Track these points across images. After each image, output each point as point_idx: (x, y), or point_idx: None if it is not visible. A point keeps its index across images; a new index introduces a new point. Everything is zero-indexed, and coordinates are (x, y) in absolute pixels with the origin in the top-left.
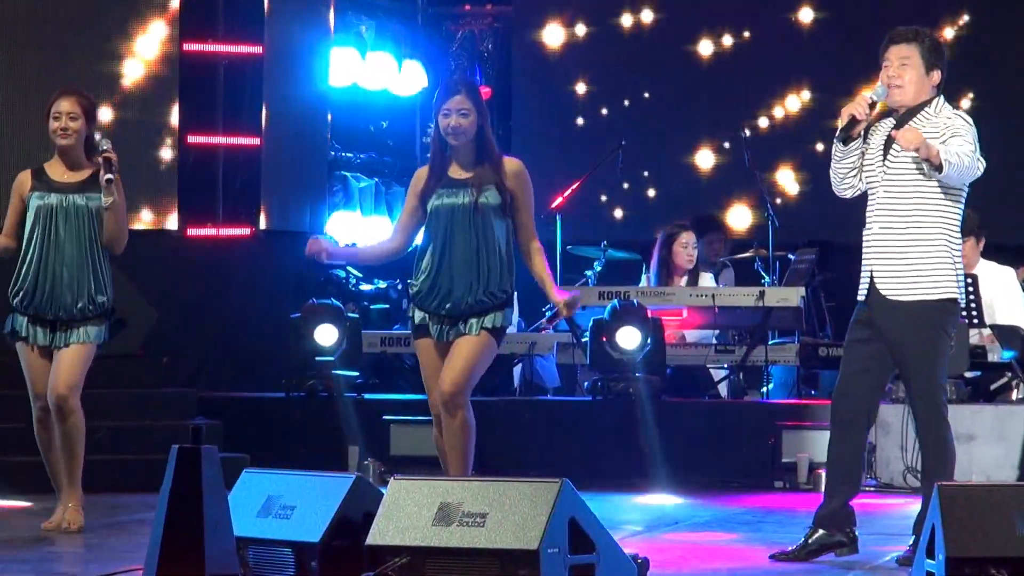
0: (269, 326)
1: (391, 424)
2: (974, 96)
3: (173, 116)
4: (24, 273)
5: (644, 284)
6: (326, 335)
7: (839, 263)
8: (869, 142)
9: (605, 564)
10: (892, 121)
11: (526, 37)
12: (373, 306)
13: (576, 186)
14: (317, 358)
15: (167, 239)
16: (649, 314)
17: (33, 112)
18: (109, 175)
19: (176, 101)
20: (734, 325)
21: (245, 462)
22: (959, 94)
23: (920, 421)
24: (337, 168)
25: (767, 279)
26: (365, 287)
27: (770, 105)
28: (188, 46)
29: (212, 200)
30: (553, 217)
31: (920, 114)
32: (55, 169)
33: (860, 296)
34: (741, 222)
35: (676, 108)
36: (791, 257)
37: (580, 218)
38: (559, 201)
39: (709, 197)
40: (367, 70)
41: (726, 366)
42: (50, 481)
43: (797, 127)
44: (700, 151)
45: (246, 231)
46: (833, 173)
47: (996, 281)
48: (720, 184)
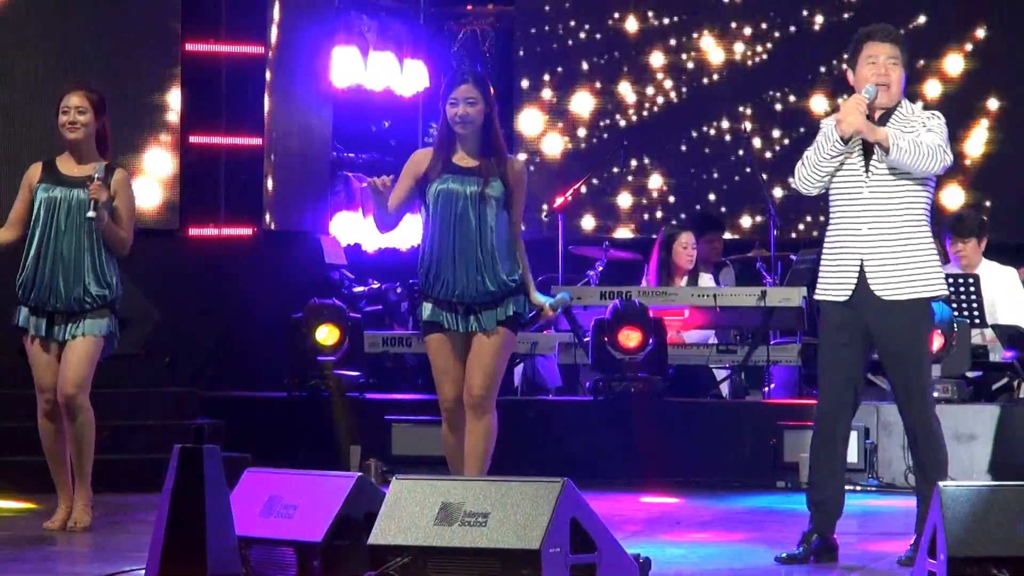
0: (271, 326)
1: (393, 424)
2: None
3: (175, 116)
4: (25, 264)
5: (645, 284)
6: (328, 335)
7: None
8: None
9: (606, 564)
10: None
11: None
12: (367, 308)
13: (578, 186)
14: (319, 358)
15: (169, 239)
16: (651, 314)
17: (33, 112)
18: (91, 213)
19: (178, 101)
20: (736, 325)
21: (247, 462)
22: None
23: (915, 420)
24: (339, 168)
25: (769, 279)
26: (359, 288)
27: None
28: (190, 46)
29: (214, 200)
30: (555, 217)
31: (896, 114)
32: (65, 163)
33: (840, 296)
34: (742, 222)
35: (678, 107)
36: (793, 257)
37: (582, 218)
38: (561, 201)
39: (710, 197)
40: (369, 70)
41: (728, 366)
42: (53, 480)
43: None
44: (701, 151)
45: (248, 231)
46: (814, 170)
47: (998, 281)
48: (722, 184)
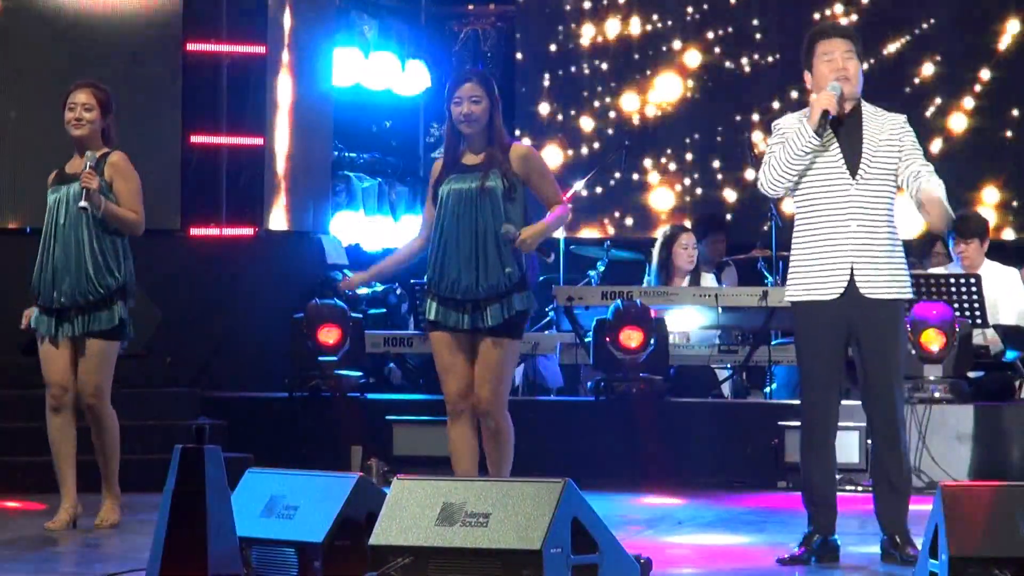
0: (272, 326)
1: (394, 424)
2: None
3: (176, 116)
4: (35, 266)
5: (647, 285)
6: (329, 335)
7: None
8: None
9: (608, 564)
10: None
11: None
12: (370, 311)
13: (578, 186)
14: (320, 358)
15: (170, 239)
16: (652, 314)
17: (36, 110)
18: (82, 203)
19: (179, 101)
20: (737, 325)
21: (248, 462)
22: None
23: (885, 418)
24: (340, 168)
25: (770, 279)
26: (362, 290)
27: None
28: (191, 46)
29: (215, 200)
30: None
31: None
32: (71, 162)
33: (830, 295)
34: (744, 222)
35: (679, 107)
36: None
37: (583, 218)
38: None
39: (712, 197)
40: (370, 70)
41: (729, 366)
42: (56, 478)
43: None
44: (703, 151)
45: (249, 231)
46: (786, 168)
47: (1000, 281)
48: (723, 184)
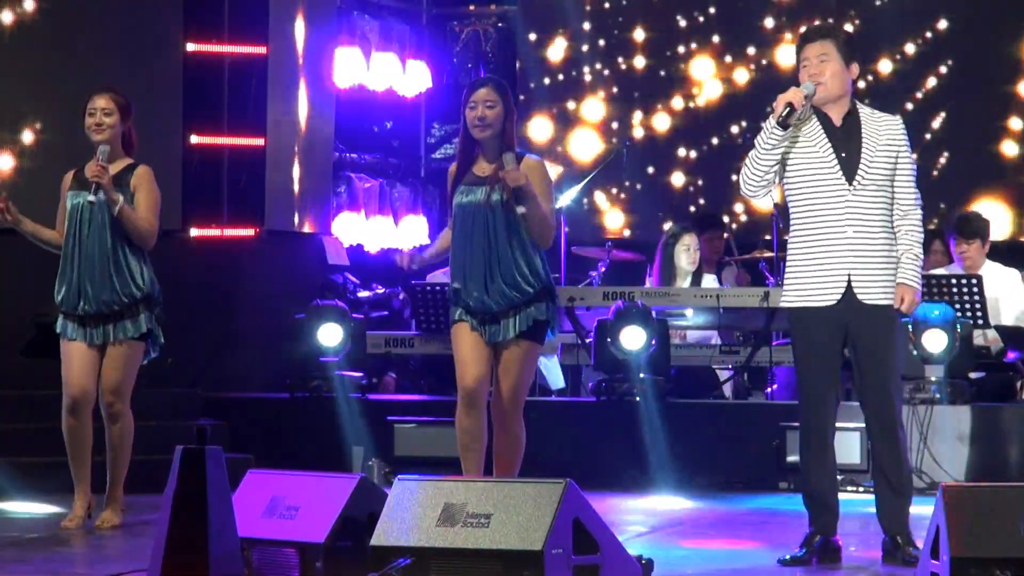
0: (274, 327)
1: (395, 425)
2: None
3: (177, 116)
4: (59, 272)
5: (648, 285)
6: (330, 336)
7: None
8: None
9: (609, 565)
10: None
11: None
12: (373, 314)
13: (580, 186)
14: (321, 359)
15: (171, 240)
16: (654, 314)
17: (37, 110)
18: (90, 196)
19: (180, 101)
20: (738, 326)
21: (249, 462)
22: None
23: (884, 421)
24: (342, 169)
25: (771, 279)
26: (364, 293)
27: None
28: (192, 46)
29: (216, 201)
30: (557, 217)
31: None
32: (89, 166)
33: (827, 302)
34: (745, 222)
35: (680, 107)
36: None
37: (584, 219)
38: (563, 201)
39: (714, 197)
40: (372, 70)
41: (730, 367)
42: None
43: None
44: (705, 151)
45: (250, 232)
46: (756, 166)
47: (1001, 282)
48: (725, 184)
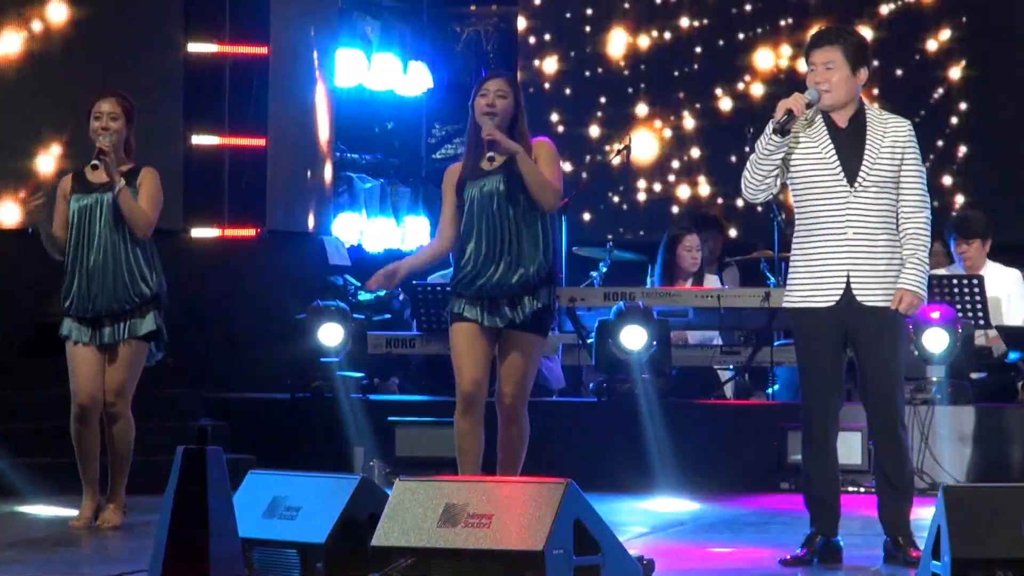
0: (275, 327)
1: (396, 426)
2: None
3: (178, 117)
4: (66, 276)
5: (649, 285)
6: (331, 336)
7: None
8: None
9: (610, 565)
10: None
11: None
12: (375, 317)
13: (582, 186)
14: (322, 359)
15: (172, 240)
16: (655, 315)
17: (35, 110)
18: (95, 161)
19: (181, 101)
20: (739, 326)
21: (250, 463)
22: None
23: (886, 422)
24: (343, 169)
25: (772, 280)
26: (365, 296)
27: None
28: (193, 47)
29: (217, 201)
30: (558, 218)
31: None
32: (93, 172)
33: (826, 303)
34: (747, 223)
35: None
36: None
37: (585, 218)
38: (564, 201)
39: (715, 198)
40: (372, 71)
41: (731, 367)
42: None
43: None
44: (706, 152)
45: (251, 232)
46: (756, 170)
47: (1002, 282)
48: (726, 184)
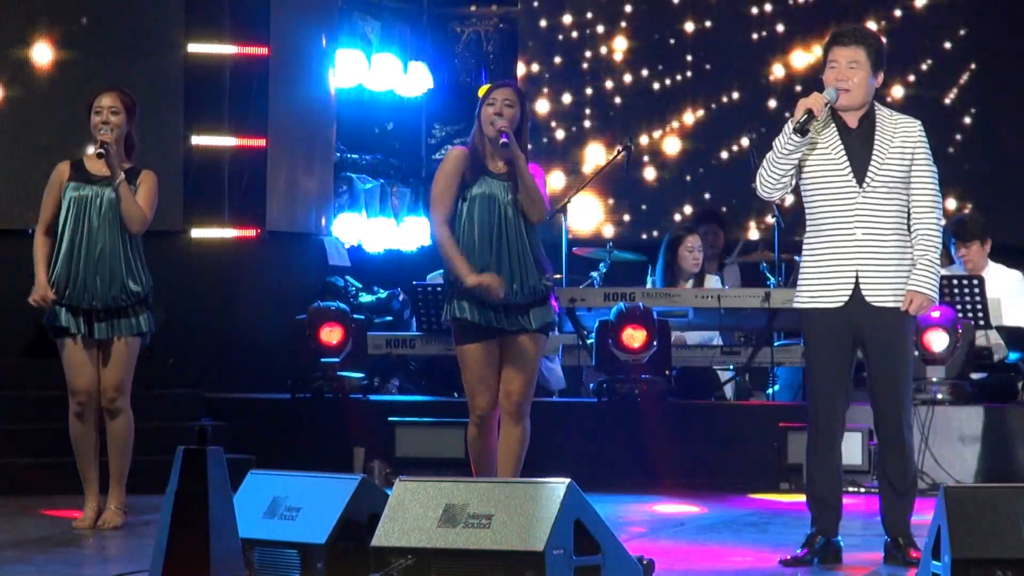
0: (275, 327)
1: (396, 426)
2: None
3: (179, 117)
4: (57, 264)
5: (652, 285)
6: (331, 336)
7: None
8: (823, 146)
9: (610, 565)
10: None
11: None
12: (377, 319)
13: (582, 186)
14: (323, 359)
15: (172, 240)
16: (655, 315)
17: (39, 110)
18: (100, 150)
19: (182, 102)
20: (740, 326)
21: (251, 463)
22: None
23: (892, 423)
24: (343, 170)
25: (773, 280)
26: (366, 298)
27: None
28: (194, 47)
29: (218, 201)
30: (559, 218)
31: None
32: (94, 163)
33: (835, 304)
34: (747, 223)
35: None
36: (797, 259)
37: (586, 219)
38: (565, 201)
39: (715, 198)
40: (373, 71)
41: (732, 367)
42: (81, 477)
43: None
44: (707, 152)
45: (252, 232)
46: (773, 169)
47: (1003, 283)
48: (727, 185)
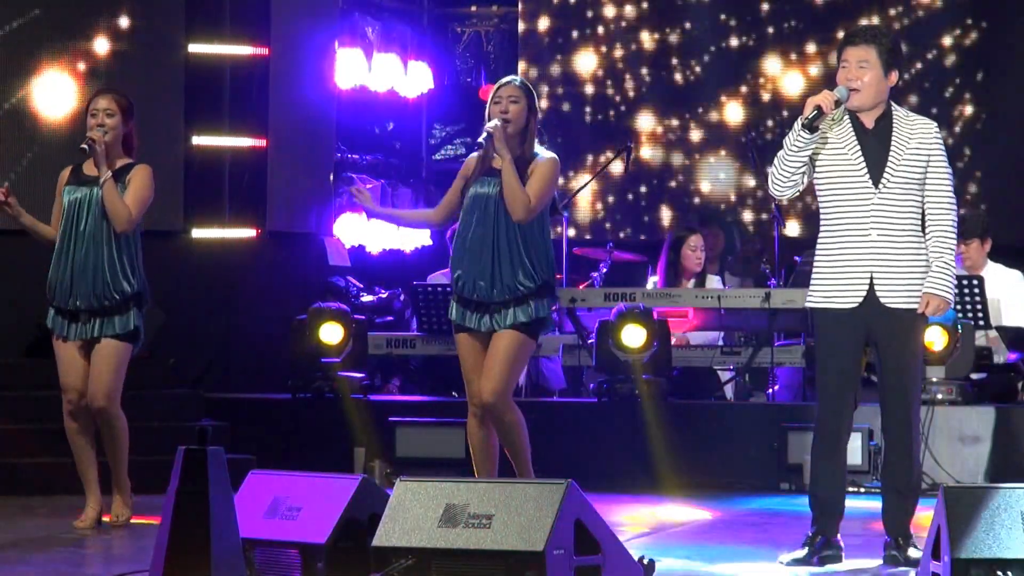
0: (275, 327)
1: (397, 426)
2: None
3: (179, 117)
4: (51, 266)
5: (650, 286)
6: (332, 336)
7: None
8: (839, 145)
9: (611, 566)
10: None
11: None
12: (378, 319)
13: (582, 187)
14: (323, 359)
15: (173, 240)
16: (655, 316)
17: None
18: (83, 145)
19: (182, 102)
20: (740, 327)
21: (251, 463)
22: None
23: (898, 425)
24: (343, 170)
25: (773, 281)
26: (367, 298)
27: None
28: (194, 47)
29: (218, 201)
30: (559, 218)
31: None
32: (90, 165)
33: (849, 304)
34: (747, 223)
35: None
36: (797, 259)
37: (586, 219)
38: (565, 202)
39: (716, 198)
40: (373, 71)
41: (732, 368)
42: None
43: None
44: (707, 152)
45: (252, 232)
46: (783, 167)
47: (1003, 283)
48: (727, 185)
